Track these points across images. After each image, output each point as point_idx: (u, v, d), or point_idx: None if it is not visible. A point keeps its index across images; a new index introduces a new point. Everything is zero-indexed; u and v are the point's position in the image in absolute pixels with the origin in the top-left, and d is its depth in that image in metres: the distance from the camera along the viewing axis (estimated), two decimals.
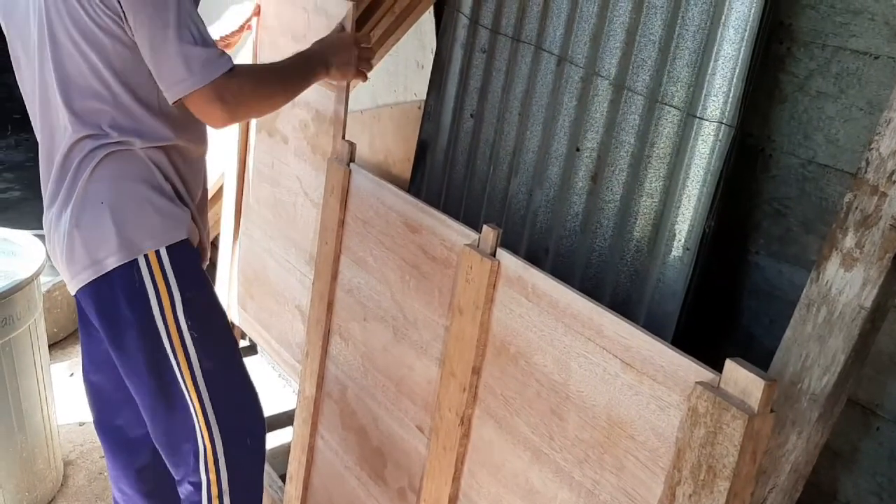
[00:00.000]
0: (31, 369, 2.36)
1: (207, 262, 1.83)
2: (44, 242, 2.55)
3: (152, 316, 1.58)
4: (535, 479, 1.49)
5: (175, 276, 1.60)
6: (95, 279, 1.58)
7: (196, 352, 1.62)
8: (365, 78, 1.90)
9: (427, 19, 2.62)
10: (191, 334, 1.61)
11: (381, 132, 3.07)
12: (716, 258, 1.83)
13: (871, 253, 1.26)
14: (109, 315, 1.61)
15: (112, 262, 1.57)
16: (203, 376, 1.64)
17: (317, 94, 2.13)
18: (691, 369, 1.22)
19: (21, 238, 2.54)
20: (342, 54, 1.79)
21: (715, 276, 1.85)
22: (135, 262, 1.57)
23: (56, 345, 3.22)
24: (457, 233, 1.61)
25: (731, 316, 1.89)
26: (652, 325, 1.68)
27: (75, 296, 1.69)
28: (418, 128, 2.43)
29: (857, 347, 1.28)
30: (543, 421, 1.46)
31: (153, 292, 1.58)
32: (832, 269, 1.31)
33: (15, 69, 1.66)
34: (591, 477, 1.38)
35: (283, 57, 1.74)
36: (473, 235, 1.57)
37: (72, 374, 3.12)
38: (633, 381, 1.30)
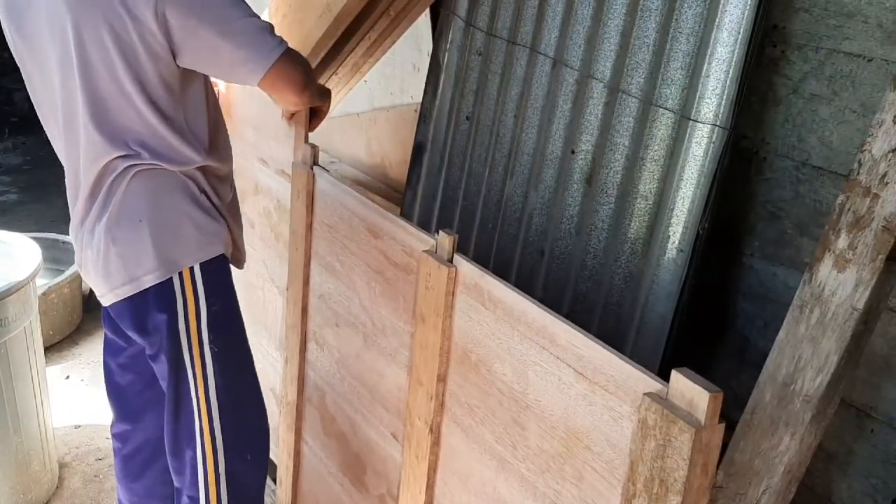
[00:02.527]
0: (26, 371, 2.35)
1: (244, 264, 1.84)
2: (40, 245, 2.56)
3: (177, 326, 1.60)
4: (502, 489, 1.47)
5: (205, 290, 1.61)
6: (134, 294, 1.60)
7: (213, 365, 1.64)
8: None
9: (423, 22, 2.62)
10: (211, 348, 1.62)
11: (377, 135, 3.08)
12: (710, 261, 1.83)
13: (864, 254, 1.27)
14: (144, 325, 1.62)
15: (150, 280, 1.57)
16: (215, 390, 1.65)
17: (277, 184, 2.13)
18: (640, 380, 1.18)
19: (17, 240, 2.54)
20: (322, 96, 1.81)
21: (709, 279, 1.86)
22: (171, 278, 1.58)
23: (52, 347, 3.21)
24: (415, 238, 1.58)
25: (725, 319, 1.89)
26: (646, 328, 1.69)
27: (107, 306, 1.69)
28: (414, 130, 2.44)
29: (849, 349, 1.29)
30: (506, 430, 1.43)
31: (181, 304, 1.59)
32: (825, 270, 1.31)
33: (27, 82, 1.64)
34: (553, 487, 1.36)
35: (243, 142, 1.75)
36: (431, 241, 1.53)
37: (67, 377, 3.12)
38: (587, 390, 1.26)
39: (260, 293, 2.29)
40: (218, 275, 1.65)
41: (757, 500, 1.37)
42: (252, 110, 2.19)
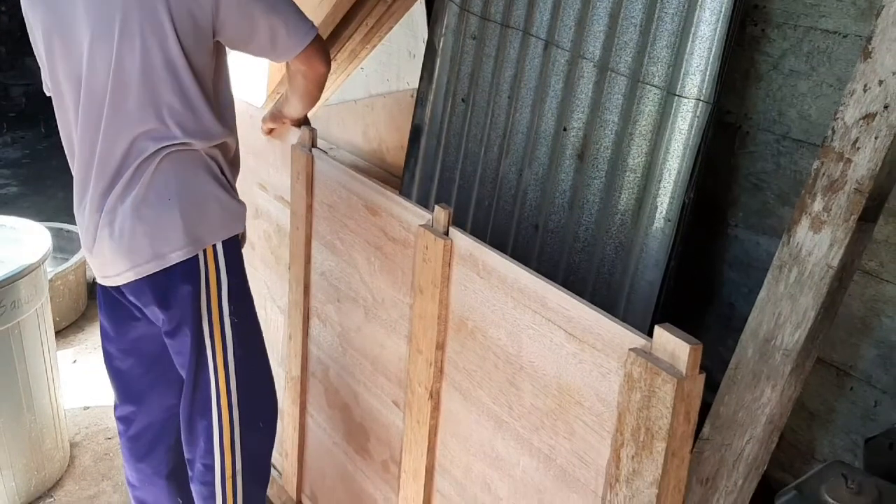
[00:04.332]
0: (38, 352, 2.42)
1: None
2: (49, 231, 2.62)
3: (199, 299, 1.66)
4: (499, 447, 1.55)
5: (226, 264, 1.68)
6: (158, 271, 1.65)
7: (231, 335, 1.70)
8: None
9: (418, 10, 2.70)
10: (231, 319, 1.69)
11: (374, 121, 3.16)
12: (698, 233, 1.91)
13: (838, 215, 1.35)
14: (166, 299, 1.67)
15: (177, 257, 1.63)
16: (234, 360, 1.71)
17: (276, 209, 2.21)
18: (626, 336, 1.26)
19: (26, 226, 2.60)
20: None
21: (697, 251, 1.94)
22: (196, 254, 1.65)
23: (58, 333, 3.27)
24: (412, 214, 1.65)
25: (712, 287, 1.98)
26: (636, 295, 1.77)
27: (119, 286, 1.72)
28: (411, 115, 2.51)
29: (826, 304, 1.37)
30: (502, 391, 1.51)
31: (204, 279, 1.65)
32: (802, 231, 1.40)
33: (46, 59, 1.66)
34: (547, 443, 1.44)
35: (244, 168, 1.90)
36: (427, 216, 1.60)
37: (74, 361, 3.19)
38: (577, 349, 1.34)
39: (262, 312, 2.33)
40: (236, 250, 1.73)
41: (741, 450, 1.46)
42: (253, 138, 2.25)
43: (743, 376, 1.46)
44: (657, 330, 1.18)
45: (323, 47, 1.70)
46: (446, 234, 1.56)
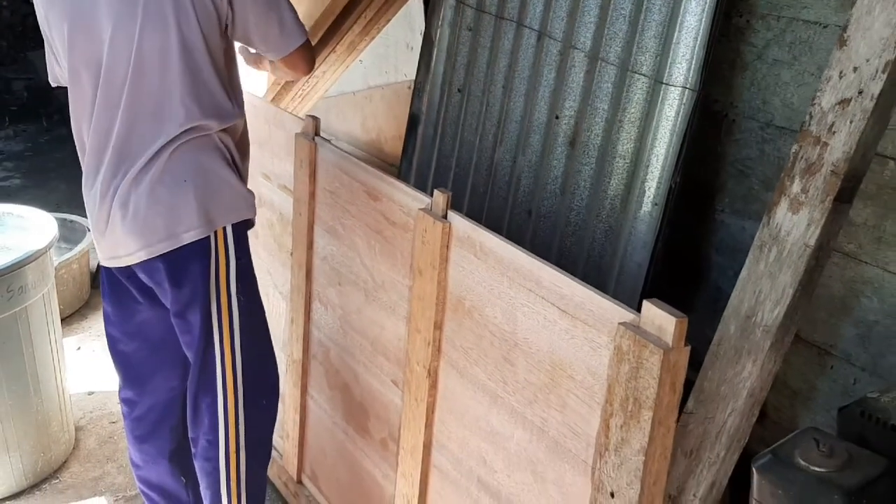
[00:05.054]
0: (45, 337, 2.49)
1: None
2: (55, 220, 2.68)
3: (209, 278, 1.72)
4: (494, 421, 1.62)
5: (235, 245, 1.74)
6: (171, 250, 1.72)
7: (238, 314, 1.77)
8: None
9: (415, 3, 2.75)
10: (238, 298, 1.76)
11: (372, 112, 3.22)
12: (687, 219, 1.98)
13: (815, 197, 1.42)
14: (178, 278, 1.73)
15: (191, 237, 1.69)
16: (240, 337, 1.78)
17: (279, 198, 2.27)
18: (616, 312, 1.32)
19: (33, 214, 2.66)
20: None
21: (687, 236, 2.01)
22: (208, 235, 1.71)
23: (62, 321, 3.32)
24: (412, 198, 1.72)
25: (699, 271, 2.04)
26: (625, 276, 1.83)
27: (131, 266, 1.77)
28: (408, 106, 2.57)
29: (803, 282, 1.44)
30: (497, 368, 1.58)
31: (214, 259, 1.72)
32: (781, 213, 1.46)
33: (63, 44, 1.70)
34: (540, 416, 1.50)
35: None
36: (426, 200, 1.67)
37: (78, 348, 3.25)
38: (569, 326, 1.41)
39: (265, 298, 2.39)
40: (244, 230, 1.80)
41: (724, 422, 1.52)
42: (256, 128, 2.30)
43: (725, 352, 1.53)
44: (645, 304, 1.25)
45: (309, 55, 1.81)
46: (445, 217, 1.62)
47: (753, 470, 1.32)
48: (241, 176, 1.81)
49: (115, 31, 1.62)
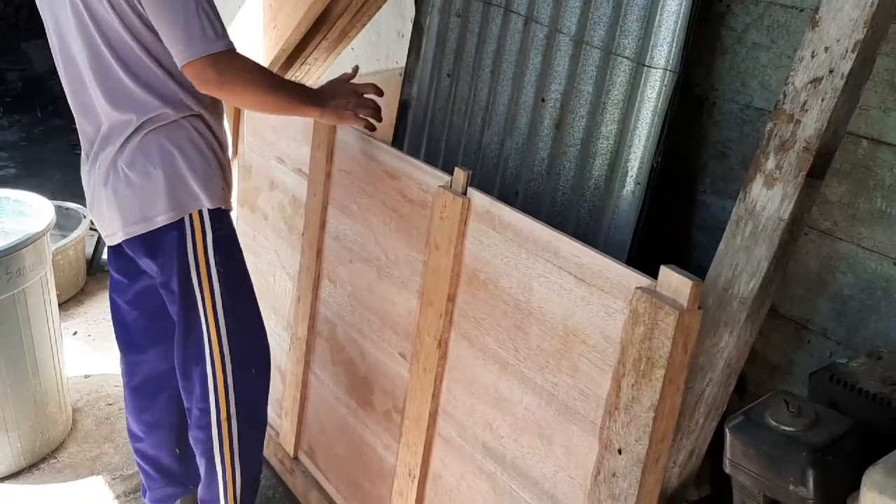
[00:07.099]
0: (42, 318, 2.53)
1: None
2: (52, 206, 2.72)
3: (185, 251, 1.79)
4: (503, 388, 1.68)
5: (210, 218, 1.80)
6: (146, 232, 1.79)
7: (219, 285, 1.83)
8: (371, 127, 1.94)
9: None
10: (217, 269, 1.82)
11: None
12: (671, 200, 2.03)
13: (789, 172, 1.47)
14: (155, 252, 1.81)
15: (162, 220, 1.77)
16: (223, 308, 1.84)
17: (294, 182, 2.32)
18: (633, 278, 1.42)
19: (30, 199, 2.71)
20: (339, 100, 1.86)
21: (672, 219, 2.06)
22: (182, 217, 1.78)
23: (59, 307, 3.38)
24: (432, 177, 1.80)
25: (681, 250, 2.10)
26: (608, 253, 1.88)
27: (119, 244, 1.86)
28: (399, 94, 2.61)
29: (777, 255, 1.49)
30: (509, 336, 1.65)
31: (190, 232, 1.79)
32: (756, 188, 1.51)
33: (49, 40, 1.82)
34: (550, 380, 1.58)
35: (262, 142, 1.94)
36: (447, 178, 1.76)
37: (75, 333, 3.30)
38: (585, 293, 1.49)
39: (271, 279, 2.47)
40: (221, 213, 1.85)
41: (702, 392, 1.58)
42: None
43: (703, 323, 1.58)
44: (662, 269, 1.35)
45: (218, 70, 1.61)
46: (464, 193, 1.71)
47: (726, 430, 1.38)
48: (221, 163, 1.86)
49: (76, 24, 1.71)
